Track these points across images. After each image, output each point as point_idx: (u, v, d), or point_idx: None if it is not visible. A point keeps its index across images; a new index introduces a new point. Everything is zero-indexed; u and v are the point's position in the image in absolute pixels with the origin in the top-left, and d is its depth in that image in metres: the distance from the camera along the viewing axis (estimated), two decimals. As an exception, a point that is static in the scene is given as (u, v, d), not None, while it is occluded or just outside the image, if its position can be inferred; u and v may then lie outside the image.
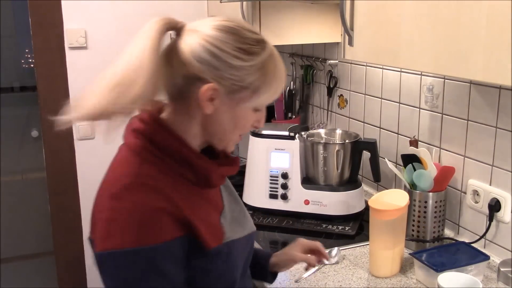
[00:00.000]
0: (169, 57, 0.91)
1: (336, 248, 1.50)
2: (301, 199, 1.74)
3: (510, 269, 1.32)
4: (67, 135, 2.38)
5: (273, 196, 1.76)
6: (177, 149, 0.92)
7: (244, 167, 1.81)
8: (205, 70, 0.88)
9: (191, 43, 0.89)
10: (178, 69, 0.90)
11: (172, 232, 0.87)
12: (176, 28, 0.93)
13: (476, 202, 1.49)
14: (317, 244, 1.26)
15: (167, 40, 0.94)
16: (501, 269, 1.33)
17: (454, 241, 1.51)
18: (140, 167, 0.89)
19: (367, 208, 1.54)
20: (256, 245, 1.32)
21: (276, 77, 0.94)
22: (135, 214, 0.84)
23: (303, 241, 1.26)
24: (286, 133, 1.77)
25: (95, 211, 0.92)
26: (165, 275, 0.86)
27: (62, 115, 0.85)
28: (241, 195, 1.75)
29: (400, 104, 1.77)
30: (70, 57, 2.32)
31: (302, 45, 2.34)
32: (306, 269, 1.30)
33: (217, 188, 1.04)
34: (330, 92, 2.15)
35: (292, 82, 2.35)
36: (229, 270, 0.99)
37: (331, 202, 1.71)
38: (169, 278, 0.87)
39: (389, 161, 1.67)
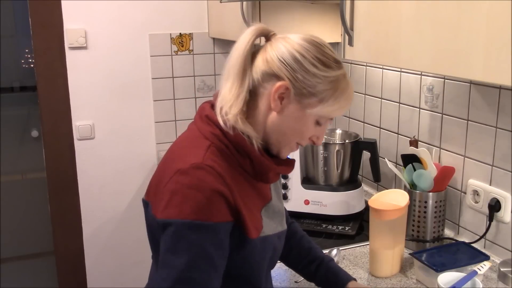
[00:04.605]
0: (256, 55, 1.01)
1: (336, 248, 1.50)
2: (301, 199, 1.74)
3: (510, 269, 1.32)
4: (67, 135, 2.38)
5: (273, 196, 1.76)
6: (243, 143, 0.98)
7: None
8: (283, 69, 0.98)
9: (277, 46, 1.00)
10: (261, 65, 1.00)
11: (224, 215, 0.94)
12: (267, 35, 1.04)
13: (476, 202, 1.49)
14: None
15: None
16: (501, 269, 1.33)
17: (454, 241, 1.51)
18: (207, 150, 0.97)
19: (367, 208, 1.55)
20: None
21: (344, 96, 1.01)
22: (197, 190, 0.92)
23: None
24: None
25: (160, 179, 1.00)
26: (206, 251, 0.93)
27: None
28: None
29: (400, 104, 1.77)
30: (70, 57, 2.32)
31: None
32: None
33: None
34: (330, 92, 2.14)
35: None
36: (260, 261, 1.06)
37: (331, 202, 1.71)
38: (209, 254, 0.93)
39: (389, 161, 1.67)
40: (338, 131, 1.89)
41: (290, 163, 1.09)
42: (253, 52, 1.01)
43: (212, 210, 0.92)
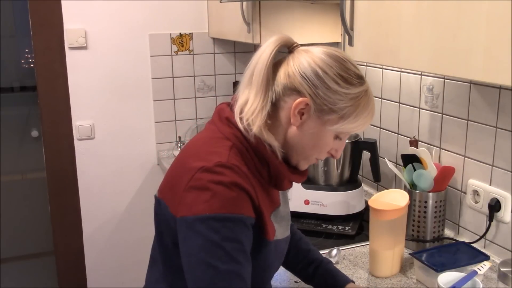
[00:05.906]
0: (278, 66, 1.01)
1: (336, 248, 1.50)
2: (301, 199, 1.74)
3: (510, 269, 1.32)
4: (67, 135, 2.38)
5: (273, 196, 1.76)
6: (262, 149, 0.99)
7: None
8: (304, 85, 0.98)
9: (300, 60, 1.00)
10: (282, 78, 1.00)
11: (250, 211, 0.95)
12: (290, 46, 1.04)
13: (476, 202, 1.49)
14: None
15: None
16: (501, 269, 1.33)
17: (454, 241, 1.51)
18: (230, 150, 0.98)
19: (367, 208, 1.54)
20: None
21: (365, 113, 1.01)
22: (225, 186, 0.92)
23: None
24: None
25: (177, 177, 0.99)
26: (241, 244, 0.93)
27: None
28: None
29: (400, 104, 1.77)
30: (70, 57, 2.32)
31: (302, 45, 2.34)
32: None
33: None
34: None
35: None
36: (271, 265, 1.07)
37: (331, 202, 1.71)
38: (244, 248, 0.93)
39: (389, 161, 1.67)
40: (338, 131, 1.88)
41: (304, 173, 1.09)
42: (275, 62, 1.01)
43: (242, 204, 0.93)
